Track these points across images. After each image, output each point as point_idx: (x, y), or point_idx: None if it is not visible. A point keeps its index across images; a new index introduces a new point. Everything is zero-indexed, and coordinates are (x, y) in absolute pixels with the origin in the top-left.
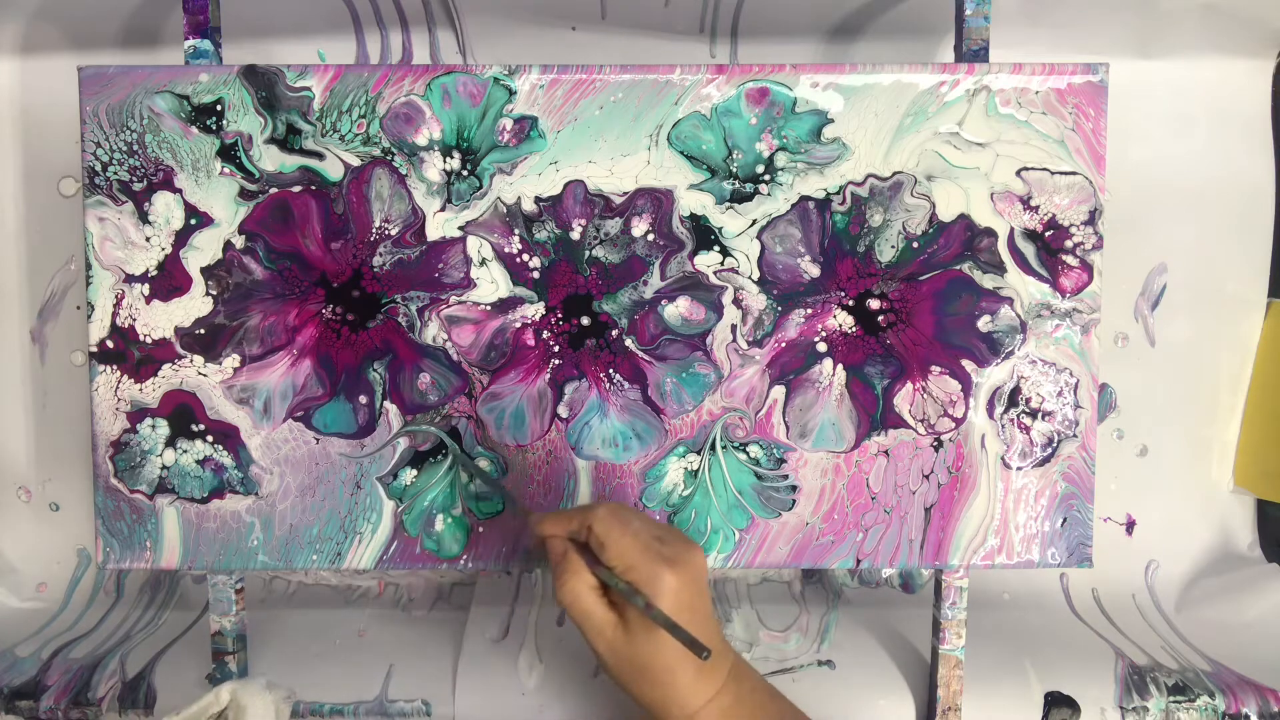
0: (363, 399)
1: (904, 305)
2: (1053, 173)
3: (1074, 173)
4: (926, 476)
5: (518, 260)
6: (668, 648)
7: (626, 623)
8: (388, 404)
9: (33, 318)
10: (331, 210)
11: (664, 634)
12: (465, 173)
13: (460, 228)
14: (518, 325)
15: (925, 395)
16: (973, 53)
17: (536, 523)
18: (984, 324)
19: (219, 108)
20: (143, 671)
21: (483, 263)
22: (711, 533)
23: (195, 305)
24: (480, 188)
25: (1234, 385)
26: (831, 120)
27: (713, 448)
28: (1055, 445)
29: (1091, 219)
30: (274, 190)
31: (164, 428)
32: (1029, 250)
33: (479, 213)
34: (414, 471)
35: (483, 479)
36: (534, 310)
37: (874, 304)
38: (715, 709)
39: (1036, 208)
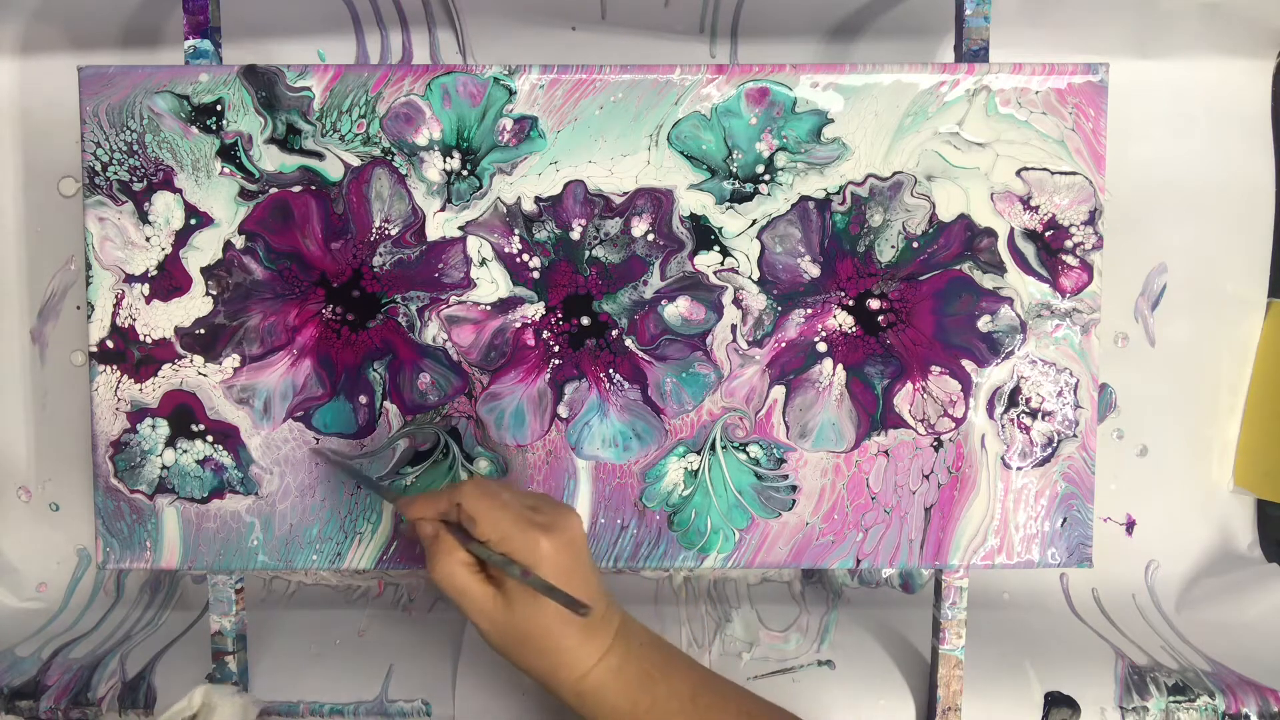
0: (363, 399)
1: (904, 305)
2: (1053, 173)
3: (1074, 173)
4: (926, 476)
5: (518, 260)
6: (549, 613)
7: (506, 595)
8: (388, 404)
9: (33, 318)
10: (331, 210)
11: (545, 600)
12: (465, 173)
13: (460, 228)
14: (518, 325)
15: (925, 395)
16: (973, 53)
17: (404, 507)
18: (984, 324)
19: (219, 108)
20: (143, 671)
21: (483, 263)
22: (711, 533)
23: (195, 305)
24: (480, 188)
25: (1234, 385)
26: (831, 120)
27: (713, 448)
28: (1055, 445)
29: (1091, 219)
30: (274, 190)
31: (164, 428)
32: (1029, 250)
33: (479, 213)
34: (414, 471)
35: (342, 467)
36: (534, 310)
37: (874, 304)
38: (604, 669)
39: (1036, 208)
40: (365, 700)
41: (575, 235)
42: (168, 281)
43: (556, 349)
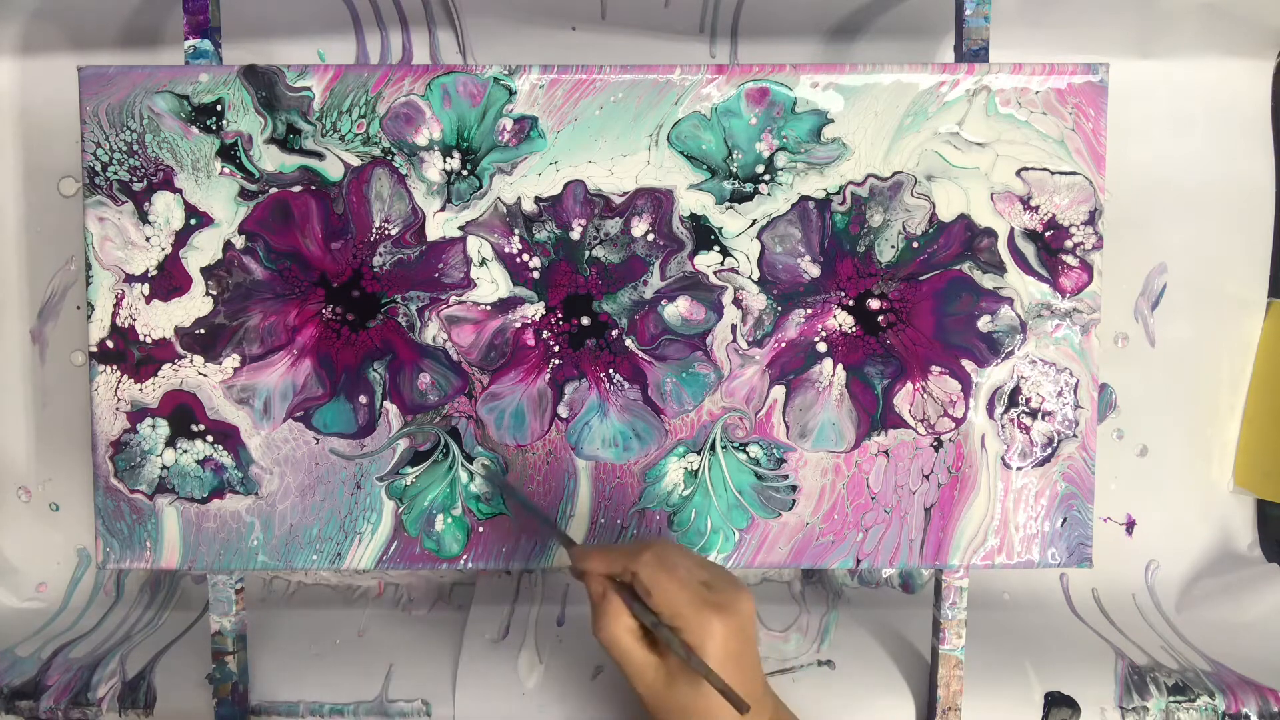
0: (363, 399)
1: (904, 305)
2: (1053, 173)
3: (1074, 173)
4: (926, 476)
5: (518, 260)
6: (708, 694)
7: (668, 667)
8: (388, 404)
9: (33, 318)
10: (331, 210)
11: (706, 683)
12: (465, 173)
13: (460, 228)
14: (518, 325)
15: (925, 395)
16: (973, 53)
17: (578, 558)
18: (984, 324)
19: (219, 108)
20: (143, 671)
21: (483, 263)
22: (711, 533)
23: (195, 305)
24: (480, 188)
25: (1234, 385)
26: (831, 120)
27: (713, 448)
28: (1055, 445)
29: (1091, 219)
30: (274, 190)
31: (164, 428)
32: (1029, 250)
33: (479, 213)
34: (414, 471)
35: (524, 505)
36: (534, 310)
37: (874, 304)
38: None
39: (1036, 208)
40: (365, 700)
41: (575, 235)
42: (168, 281)
43: (556, 349)
